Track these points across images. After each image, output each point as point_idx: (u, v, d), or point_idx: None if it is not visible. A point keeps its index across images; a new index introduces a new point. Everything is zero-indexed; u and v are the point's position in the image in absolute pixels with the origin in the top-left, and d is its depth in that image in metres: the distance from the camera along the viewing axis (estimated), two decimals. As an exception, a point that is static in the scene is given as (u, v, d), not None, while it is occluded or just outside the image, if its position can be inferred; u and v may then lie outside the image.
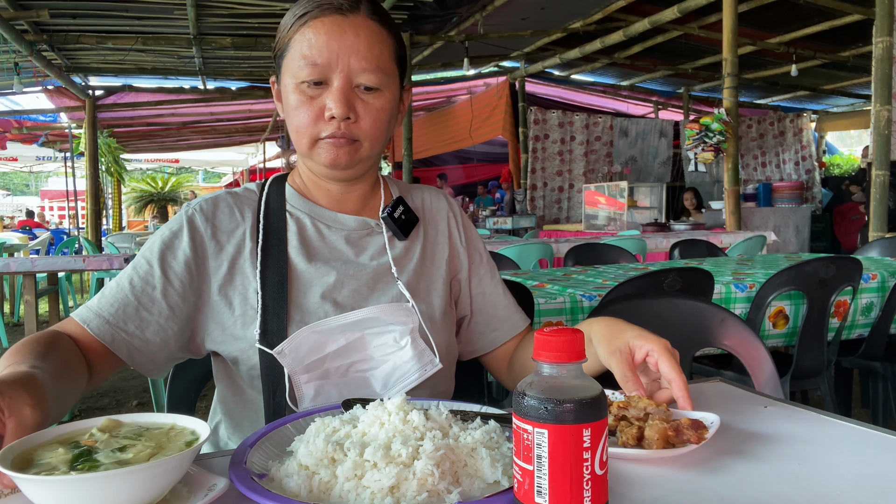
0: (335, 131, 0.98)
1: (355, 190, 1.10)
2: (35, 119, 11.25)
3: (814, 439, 0.78)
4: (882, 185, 4.64)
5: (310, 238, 1.07)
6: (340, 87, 0.96)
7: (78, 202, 11.56)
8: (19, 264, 3.18)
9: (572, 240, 4.61)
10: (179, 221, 1.04)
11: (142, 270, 0.99)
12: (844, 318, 2.48)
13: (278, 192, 1.11)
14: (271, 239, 1.04)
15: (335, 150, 0.99)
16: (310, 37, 0.97)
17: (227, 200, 1.08)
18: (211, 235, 1.03)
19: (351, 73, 0.97)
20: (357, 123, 0.99)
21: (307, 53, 0.96)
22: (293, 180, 1.13)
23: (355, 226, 1.09)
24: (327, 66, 0.96)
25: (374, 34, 0.99)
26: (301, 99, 0.98)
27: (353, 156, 1.00)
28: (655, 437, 0.73)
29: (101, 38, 6.85)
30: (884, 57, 4.70)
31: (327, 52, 0.96)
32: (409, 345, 1.00)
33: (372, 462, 0.62)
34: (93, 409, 3.78)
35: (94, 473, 0.56)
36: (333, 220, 1.08)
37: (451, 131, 11.38)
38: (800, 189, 8.26)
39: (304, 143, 1.00)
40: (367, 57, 0.97)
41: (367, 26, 0.98)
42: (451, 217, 1.20)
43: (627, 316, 1.60)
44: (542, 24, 7.76)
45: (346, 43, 0.96)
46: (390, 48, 1.01)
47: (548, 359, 0.54)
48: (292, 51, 0.99)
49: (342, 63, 0.96)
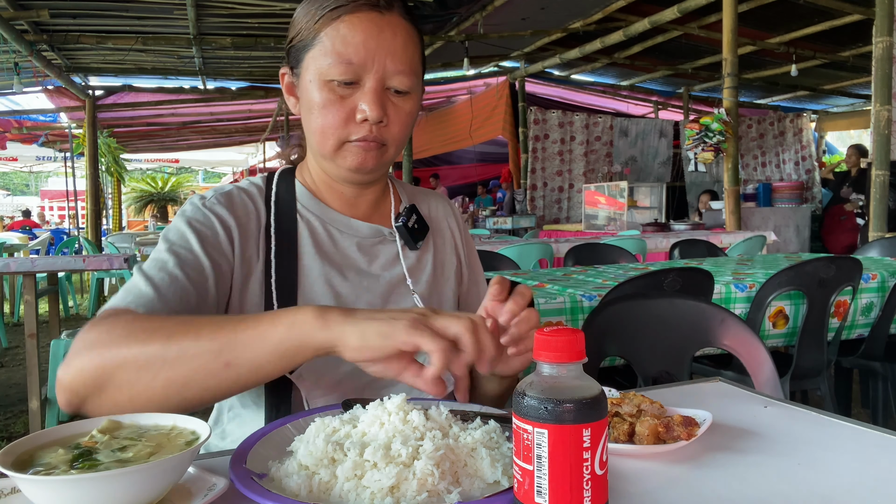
0: (367, 135, 0.93)
1: (368, 193, 1.06)
2: (35, 119, 11.25)
3: (814, 439, 0.78)
4: (882, 185, 4.64)
5: (322, 243, 1.02)
6: (375, 89, 0.91)
7: (78, 202, 11.55)
8: (19, 264, 3.18)
9: (572, 240, 4.61)
10: (202, 212, 0.96)
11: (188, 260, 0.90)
12: (844, 318, 2.48)
13: (288, 189, 1.05)
14: (283, 241, 0.99)
15: (363, 154, 0.94)
16: (344, 33, 0.91)
17: (240, 195, 1.02)
18: (236, 226, 0.97)
19: (385, 75, 0.92)
20: (387, 127, 0.94)
21: (341, 51, 0.90)
22: (303, 178, 1.07)
23: (368, 233, 1.05)
24: (362, 65, 0.91)
25: (409, 35, 0.94)
26: (330, 98, 0.92)
27: (379, 160, 0.96)
28: (646, 434, 0.74)
29: (101, 38, 6.85)
30: (884, 57, 4.70)
31: (364, 51, 0.90)
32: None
33: (372, 462, 0.62)
34: (93, 409, 3.78)
35: (94, 473, 0.56)
36: (346, 226, 1.04)
37: (451, 131, 11.38)
38: (800, 189, 8.26)
39: (329, 144, 0.95)
40: (402, 59, 0.93)
41: (402, 26, 0.94)
42: (454, 226, 1.17)
43: (627, 316, 1.61)
44: (542, 24, 7.76)
45: (383, 43, 0.91)
46: (418, 48, 0.98)
47: (548, 359, 0.54)
48: (321, 45, 0.92)
49: (378, 64, 0.91)
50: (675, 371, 1.54)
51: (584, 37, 7.92)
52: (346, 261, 1.02)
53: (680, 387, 1.05)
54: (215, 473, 0.65)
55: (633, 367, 1.57)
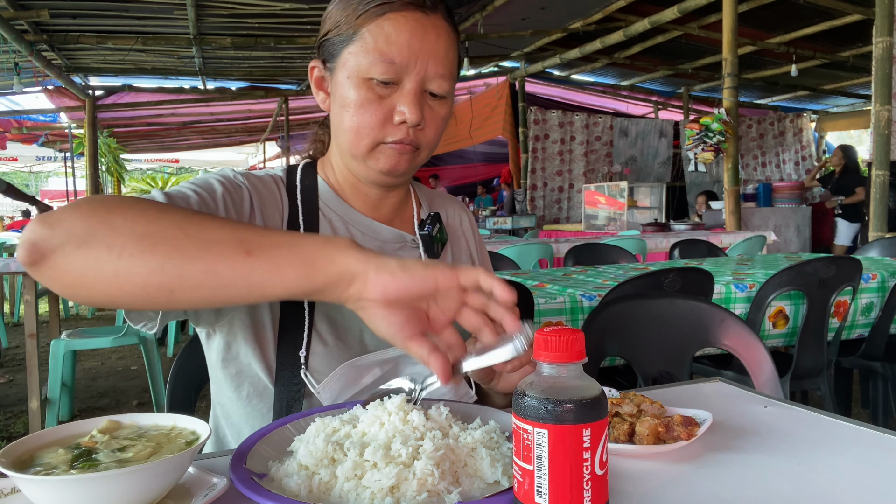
0: (404, 137, 0.90)
1: (392, 197, 1.04)
2: (35, 119, 11.25)
3: (814, 439, 0.78)
4: (882, 185, 4.63)
5: None
6: (415, 91, 0.89)
7: (78, 202, 11.54)
8: (19, 264, 3.18)
9: (572, 240, 4.61)
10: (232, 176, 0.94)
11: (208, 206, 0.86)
12: (844, 318, 2.48)
13: (311, 185, 1.02)
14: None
15: (397, 157, 0.92)
16: (389, 31, 0.88)
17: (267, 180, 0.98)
18: (259, 204, 0.94)
19: (426, 78, 0.90)
20: (423, 131, 0.92)
21: (385, 49, 0.87)
22: (325, 174, 1.04)
23: (390, 238, 1.02)
24: (404, 66, 0.88)
25: (450, 37, 0.92)
26: (368, 97, 0.89)
27: (411, 163, 0.94)
28: (646, 434, 0.74)
29: (101, 38, 6.85)
30: (884, 57, 4.70)
31: (408, 51, 0.88)
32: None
33: (372, 462, 0.62)
34: (93, 410, 3.78)
35: (94, 473, 0.56)
36: (368, 228, 1.01)
37: (451, 131, 11.37)
38: (800, 189, 8.26)
39: (364, 144, 0.91)
40: (444, 62, 0.91)
41: (445, 29, 0.91)
42: (468, 231, 1.16)
43: (627, 316, 1.61)
44: (542, 24, 7.76)
45: (427, 45, 0.89)
46: (457, 52, 0.96)
47: (548, 359, 0.54)
48: (363, 41, 0.89)
49: (420, 65, 0.89)
50: (675, 371, 1.54)
51: (584, 37, 7.92)
52: None
53: (680, 387, 1.05)
54: (215, 473, 0.65)
55: (633, 367, 1.57)
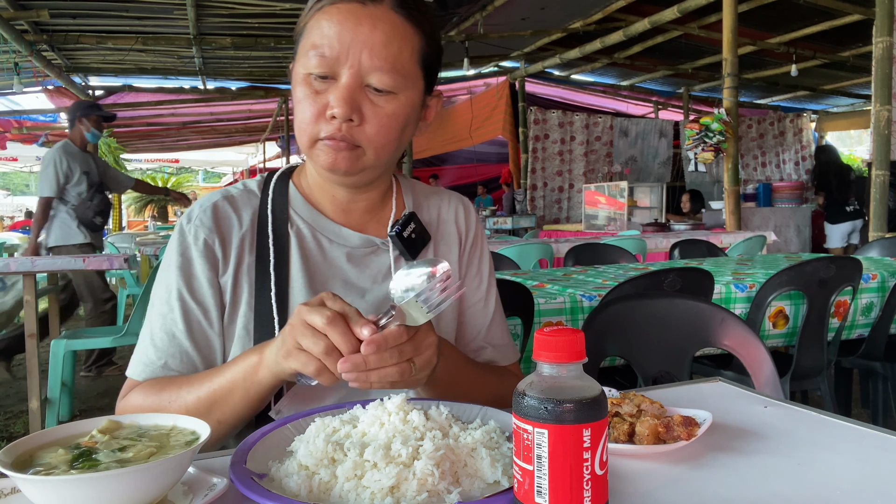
0: (335, 132, 0.88)
1: (363, 199, 1.01)
2: (35, 119, 11.24)
3: (814, 439, 0.78)
4: (882, 185, 4.63)
5: (310, 253, 0.98)
6: (347, 85, 0.87)
7: (78, 202, 11.55)
8: (19, 264, 3.18)
9: (572, 240, 4.61)
10: (185, 243, 0.96)
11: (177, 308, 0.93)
12: (844, 318, 2.48)
13: (282, 194, 1.01)
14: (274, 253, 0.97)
15: (334, 155, 0.89)
16: (323, 24, 0.87)
17: (225, 208, 0.99)
18: (219, 245, 0.96)
19: (361, 71, 0.87)
20: (360, 127, 0.89)
21: (317, 43, 0.87)
22: (298, 181, 1.04)
23: (359, 243, 1.00)
24: (336, 59, 0.86)
25: (396, 29, 0.88)
26: (306, 92, 0.89)
27: (353, 163, 0.90)
28: (646, 434, 0.74)
29: (101, 38, 6.86)
30: (884, 57, 4.70)
31: (338, 43, 0.86)
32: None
33: (372, 462, 0.62)
34: (93, 410, 3.79)
35: (94, 473, 0.56)
36: (336, 234, 0.99)
37: (451, 131, 11.38)
38: (800, 189, 8.27)
39: (303, 140, 0.92)
40: (382, 54, 0.87)
41: (388, 20, 0.87)
42: (465, 229, 1.10)
43: (627, 316, 1.61)
44: (542, 24, 7.76)
45: (359, 36, 0.86)
46: (414, 47, 0.90)
47: (548, 359, 0.54)
48: (305, 38, 0.90)
49: (353, 58, 0.86)
50: (675, 371, 1.54)
51: (584, 37, 7.92)
52: (333, 272, 0.98)
53: (680, 387, 1.05)
54: (215, 473, 0.65)
55: (633, 367, 1.57)
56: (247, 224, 0.99)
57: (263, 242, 0.97)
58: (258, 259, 0.97)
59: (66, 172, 4.24)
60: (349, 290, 0.98)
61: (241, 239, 0.97)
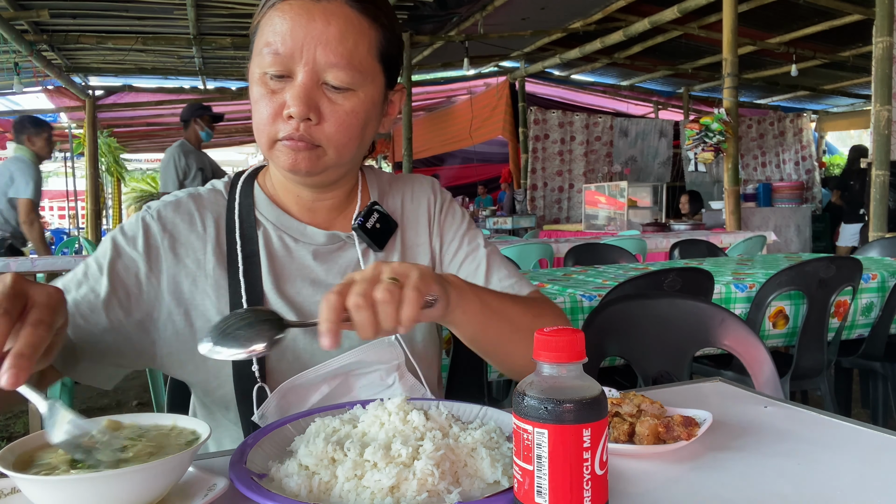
0: (292, 133, 0.85)
1: (328, 198, 0.99)
2: (35, 119, 11.23)
3: (814, 439, 0.78)
4: (882, 185, 4.63)
5: (276, 254, 0.97)
6: (303, 83, 0.84)
7: (78, 202, 11.55)
8: (19, 264, 3.18)
9: (572, 240, 4.61)
10: (135, 227, 0.94)
11: (91, 276, 0.89)
12: (844, 318, 2.48)
13: (248, 195, 1.00)
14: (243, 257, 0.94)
15: (293, 155, 0.87)
16: (275, 21, 0.85)
17: (189, 205, 0.97)
18: (169, 247, 0.93)
19: (317, 68, 0.84)
20: (319, 126, 0.86)
21: (270, 41, 0.84)
22: (264, 181, 1.02)
23: (324, 241, 0.98)
24: (290, 57, 0.84)
25: (351, 23, 0.85)
26: (262, 92, 0.87)
27: (314, 163, 0.88)
28: (646, 434, 0.74)
29: (101, 38, 6.85)
30: (884, 57, 4.70)
31: (291, 40, 0.83)
32: (396, 383, 0.92)
33: (372, 462, 0.62)
34: (93, 410, 3.79)
35: (94, 473, 0.56)
36: (301, 233, 0.98)
37: (451, 131, 11.38)
38: (800, 189, 8.26)
39: (262, 141, 0.89)
40: (338, 50, 0.84)
41: (342, 14, 0.85)
42: (431, 203, 1.06)
43: (627, 316, 1.60)
44: (542, 24, 7.76)
45: (313, 32, 0.83)
46: (371, 41, 0.88)
47: (548, 359, 0.54)
48: (259, 36, 0.88)
49: (307, 55, 0.84)
50: (675, 371, 1.54)
51: (584, 37, 7.91)
52: (301, 271, 0.97)
53: (680, 387, 1.05)
54: (215, 473, 0.65)
55: (633, 367, 1.57)
56: (211, 225, 0.97)
57: (232, 245, 0.95)
58: (229, 261, 0.95)
59: (184, 169, 4.59)
60: (318, 289, 0.96)
61: (203, 241, 0.95)
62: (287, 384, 0.89)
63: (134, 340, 0.90)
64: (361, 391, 0.93)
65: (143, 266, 0.91)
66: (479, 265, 1.04)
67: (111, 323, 0.88)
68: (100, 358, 0.88)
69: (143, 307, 0.91)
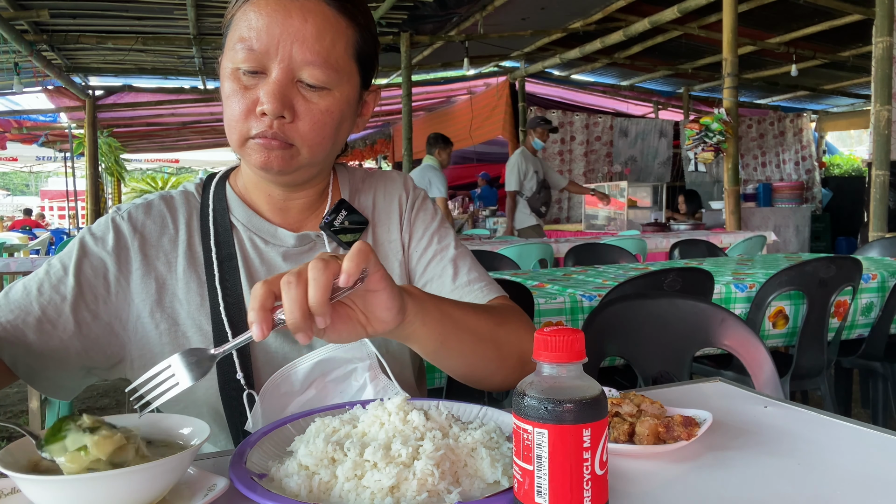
0: (265, 130, 0.84)
1: (300, 197, 0.98)
2: (35, 119, 11.24)
3: (814, 439, 0.78)
4: (882, 185, 4.63)
5: (249, 256, 0.95)
6: (277, 80, 0.83)
7: (78, 202, 11.56)
8: (19, 264, 3.18)
9: (572, 240, 4.61)
10: (104, 226, 0.92)
11: (55, 276, 0.87)
12: (844, 318, 2.48)
13: (221, 198, 0.98)
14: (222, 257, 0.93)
15: (266, 153, 0.86)
16: (251, 16, 0.83)
17: (160, 207, 0.96)
18: (138, 248, 0.92)
19: (292, 65, 0.83)
20: (293, 124, 0.85)
21: (245, 36, 0.83)
22: (235, 182, 1.01)
23: (295, 242, 0.97)
24: (265, 53, 0.83)
25: (328, 22, 0.84)
26: (234, 87, 0.85)
27: (287, 162, 0.87)
28: (646, 434, 0.74)
29: (101, 38, 6.85)
30: (884, 57, 4.70)
31: (266, 36, 0.82)
32: (368, 384, 0.91)
33: (372, 462, 0.62)
34: (93, 410, 3.79)
35: (94, 473, 0.56)
36: (272, 236, 0.97)
37: (451, 131, 11.32)
38: (800, 189, 8.26)
39: (233, 139, 0.88)
40: (314, 48, 0.83)
41: (319, 12, 0.84)
42: (402, 200, 1.05)
43: (627, 316, 1.61)
44: (542, 24, 7.76)
45: (289, 28, 0.82)
46: (348, 40, 0.87)
47: (548, 359, 0.54)
48: (233, 30, 0.86)
49: (283, 52, 0.83)
50: (675, 371, 1.54)
51: (584, 37, 7.91)
52: (271, 272, 0.95)
53: (680, 387, 1.05)
54: (215, 473, 0.65)
55: (633, 367, 1.57)
56: (182, 228, 0.96)
57: (207, 249, 0.94)
58: (205, 266, 0.93)
59: (524, 172, 5.61)
60: None
61: (172, 242, 0.94)
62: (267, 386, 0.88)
63: (103, 343, 0.88)
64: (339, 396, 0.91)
65: (112, 266, 0.90)
66: (445, 266, 1.02)
67: (78, 326, 0.85)
68: (66, 365, 0.85)
69: (112, 309, 0.89)
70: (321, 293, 0.62)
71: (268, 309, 0.63)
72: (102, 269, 0.90)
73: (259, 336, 0.62)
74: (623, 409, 0.78)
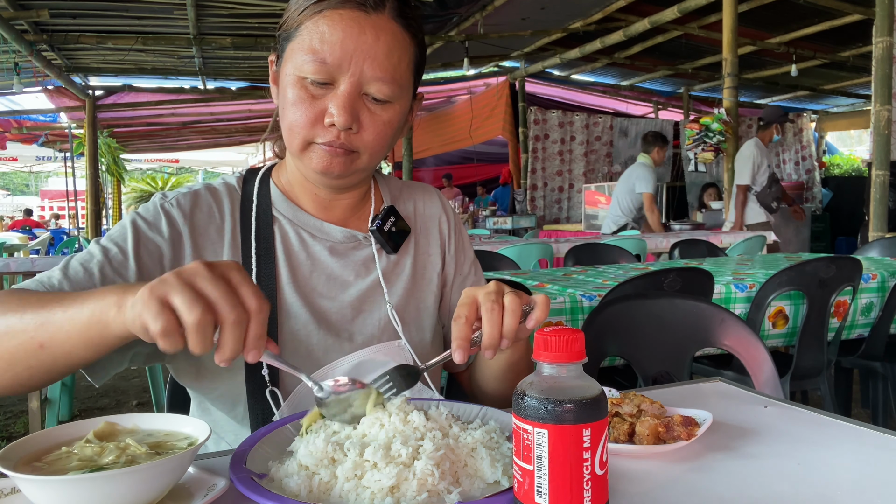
0: (333, 140, 0.88)
1: (346, 197, 1.01)
2: (35, 119, 11.25)
3: (814, 439, 0.78)
4: (882, 185, 4.63)
5: (293, 250, 0.98)
6: (347, 94, 0.86)
7: (78, 202, 11.56)
8: (19, 264, 3.18)
9: (572, 240, 4.61)
10: (155, 212, 0.93)
11: (115, 260, 0.87)
12: (844, 318, 2.48)
13: (263, 192, 1.00)
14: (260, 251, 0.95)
15: (329, 159, 0.89)
16: (323, 29, 0.85)
17: (207, 198, 0.97)
18: (189, 235, 0.93)
19: (362, 80, 0.86)
20: (359, 135, 0.89)
21: (317, 48, 0.85)
22: (278, 178, 1.03)
23: (342, 238, 1.00)
24: (337, 67, 0.85)
25: (397, 40, 0.88)
26: (301, 95, 0.87)
27: (348, 166, 0.91)
28: (646, 434, 0.74)
29: (101, 38, 6.85)
30: (884, 57, 4.70)
31: (340, 51, 0.84)
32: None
33: (372, 462, 0.62)
34: (93, 410, 3.79)
35: (94, 473, 0.56)
36: (318, 230, 0.99)
37: (451, 131, 11.37)
38: (800, 189, 8.28)
39: (295, 143, 0.90)
40: (384, 65, 0.86)
41: (390, 29, 0.87)
42: (443, 222, 1.10)
43: (627, 316, 1.61)
44: (542, 24, 7.76)
45: (362, 45, 0.85)
46: (411, 56, 0.91)
47: (548, 359, 0.54)
48: (301, 38, 0.87)
49: (354, 67, 0.85)
50: (675, 371, 1.54)
51: (584, 37, 7.91)
52: (316, 266, 0.98)
53: (680, 387, 1.05)
54: (215, 473, 0.65)
55: (633, 367, 1.57)
56: (227, 219, 0.97)
57: (247, 239, 0.96)
58: (243, 258, 0.95)
59: (758, 164, 5.25)
60: (333, 284, 0.98)
61: (219, 232, 0.96)
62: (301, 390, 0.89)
63: None
64: None
65: (167, 251, 0.91)
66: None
67: None
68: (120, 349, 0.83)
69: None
70: (515, 322, 0.76)
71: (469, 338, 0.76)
72: (158, 255, 0.91)
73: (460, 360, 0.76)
74: (623, 409, 0.78)
